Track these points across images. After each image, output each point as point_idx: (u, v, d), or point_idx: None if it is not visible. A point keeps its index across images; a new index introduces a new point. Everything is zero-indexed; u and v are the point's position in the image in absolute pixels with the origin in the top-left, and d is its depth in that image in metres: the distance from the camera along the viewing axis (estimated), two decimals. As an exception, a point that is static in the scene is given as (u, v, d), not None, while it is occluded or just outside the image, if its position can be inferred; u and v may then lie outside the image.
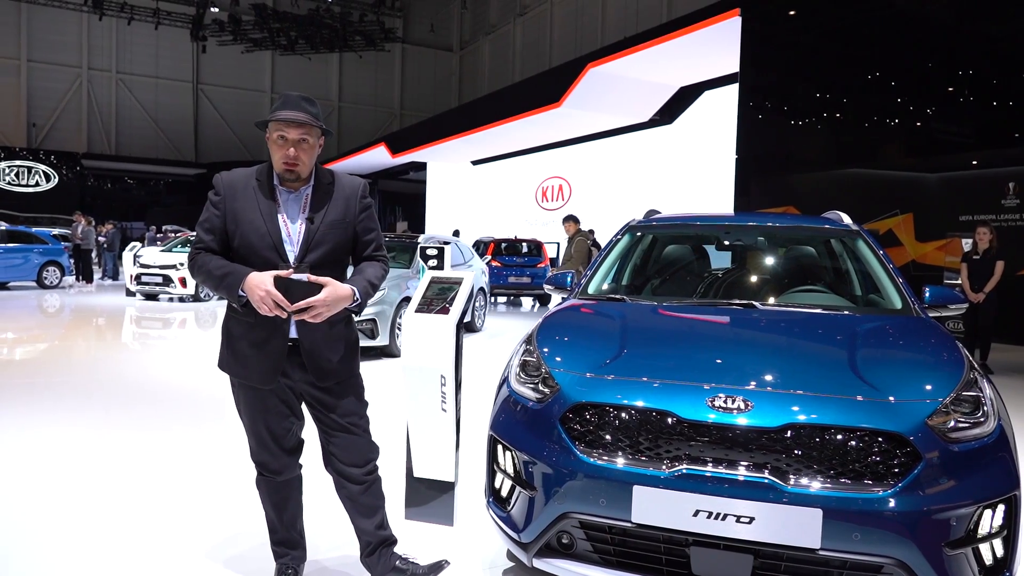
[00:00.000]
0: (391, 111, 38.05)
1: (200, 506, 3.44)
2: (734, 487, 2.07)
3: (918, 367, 2.44)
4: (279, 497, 2.53)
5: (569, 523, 2.26)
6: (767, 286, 3.58)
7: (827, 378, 2.29)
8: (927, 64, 10.40)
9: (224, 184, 2.37)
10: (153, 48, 33.01)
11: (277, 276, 2.22)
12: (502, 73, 32.75)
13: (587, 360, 2.52)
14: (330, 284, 2.28)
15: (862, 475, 2.06)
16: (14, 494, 3.54)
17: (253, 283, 2.20)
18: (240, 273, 2.24)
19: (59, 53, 31.19)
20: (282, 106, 2.33)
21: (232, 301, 2.29)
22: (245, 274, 2.23)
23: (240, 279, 2.22)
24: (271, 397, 2.40)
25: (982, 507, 2.07)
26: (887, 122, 10.86)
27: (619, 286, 3.72)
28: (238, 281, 2.22)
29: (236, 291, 2.23)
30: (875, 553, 1.99)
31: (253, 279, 2.21)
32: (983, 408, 2.24)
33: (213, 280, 2.28)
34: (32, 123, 30.91)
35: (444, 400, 3.15)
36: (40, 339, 9.11)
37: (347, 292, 2.31)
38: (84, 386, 6.12)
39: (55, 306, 12.99)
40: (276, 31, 31.87)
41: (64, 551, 2.90)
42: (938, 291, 3.19)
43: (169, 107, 33.69)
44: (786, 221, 3.92)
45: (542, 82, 18.30)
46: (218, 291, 2.31)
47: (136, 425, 4.87)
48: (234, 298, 2.26)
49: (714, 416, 2.16)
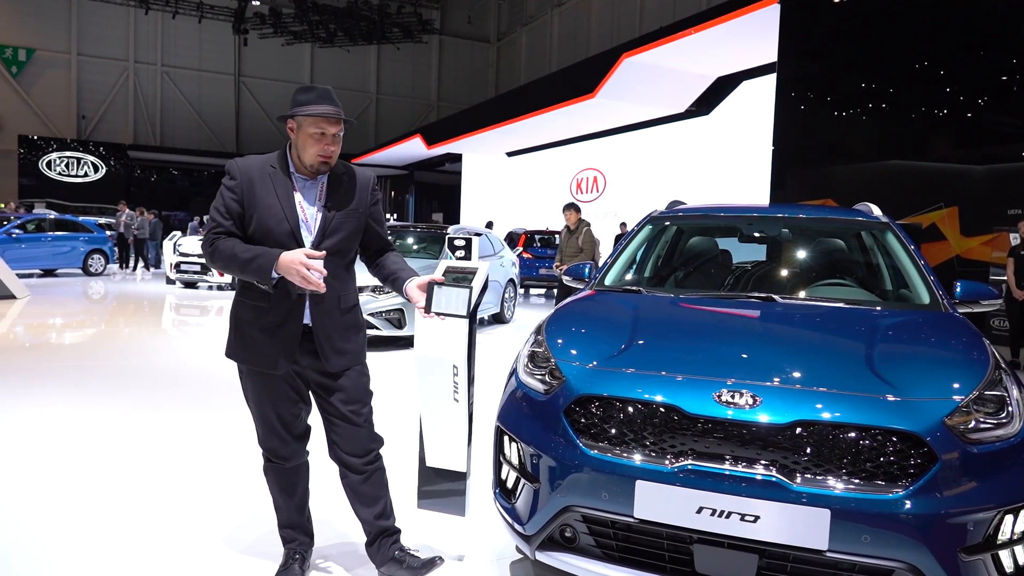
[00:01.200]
0: (428, 102, 38.16)
1: (216, 490, 3.50)
2: (739, 484, 2.01)
3: (939, 364, 2.34)
4: (287, 483, 2.55)
5: (572, 516, 2.23)
6: (791, 279, 3.48)
7: (841, 374, 2.21)
8: (979, 52, 9.99)
9: (239, 170, 2.39)
10: (196, 41, 33.65)
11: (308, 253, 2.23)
12: (539, 64, 32.55)
13: (595, 352, 2.48)
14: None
15: (874, 475, 1.98)
16: (44, 472, 3.65)
17: (287, 260, 2.19)
18: (271, 254, 2.23)
19: (107, 47, 32.00)
20: (317, 100, 2.32)
21: (261, 283, 2.28)
22: (276, 254, 2.22)
23: (272, 260, 2.22)
24: (280, 383, 2.42)
25: (1003, 512, 1.97)
26: (933, 112, 10.48)
27: (638, 278, 3.66)
28: (270, 262, 2.22)
29: (268, 272, 2.22)
30: (885, 556, 1.91)
31: (286, 256, 2.20)
32: (1008, 408, 2.13)
33: (238, 263, 2.27)
34: (81, 115, 31.79)
35: (456, 390, 3.13)
36: (85, 324, 9.39)
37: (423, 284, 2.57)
38: (121, 369, 6.29)
39: (99, 293, 13.37)
40: (315, 24, 32.22)
41: (80, 529, 2.98)
42: (970, 286, 3.06)
43: (211, 99, 34.33)
44: (813, 213, 3.81)
45: (576, 73, 18.11)
46: (243, 274, 2.29)
47: (164, 408, 4.99)
48: (265, 279, 2.25)
49: (720, 411, 2.10)
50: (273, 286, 2.27)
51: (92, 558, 2.73)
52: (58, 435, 4.32)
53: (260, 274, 2.24)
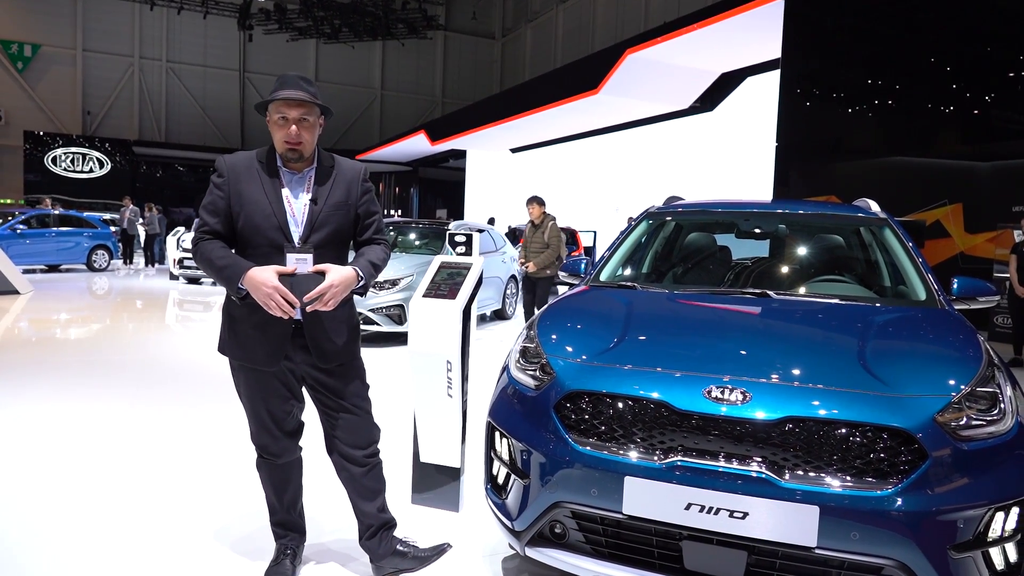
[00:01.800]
0: (433, 98, 38.13)
1: (209, 485, 3.51)
2: (728, 481, 2.00)
3: (931, 361, 2.32)
4: (279, 479, 2.55)
5: (561, 512, 2.23)
6: (787, 275, 3.46)
7: (832, 370, 2.20)
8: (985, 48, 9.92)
9: (227, 166, 2.39)
10: (201, 37, 33.70)
11: (280, 272, 2.22)
12: (544, 60, 32.48)
13: (586, 347, 2.47)
14: (331, 269, 2.29)
15: (864, 472, 1.97)
16: (42, 465, 3.67)
17: (256, 280, 2.19)
18: (241, 267, 2.23)
19: (113, 43, 32.06)
20: (280, 86, 2.34)
21: (231, 293, 2.30)
22: (246, 268, 2.22)
23: (240, 273, 2.22)
24: (272, 379, 2.42)
25: (993, 509, 1.96)
26: (938, 108, 10.41)
27: (634, 273, 3.65)
28: (238, 275, 2.22)
29: (235, 284, 2.23)
30: (875, 554, 1.90)
31: (255, 276, 2.19)
32: (1000, 405, 2.12)
33: (214, 270, 2.29)
34: (87, 111, 31.86)
35: (450, 386, 3.14)
36: (88, 320, 9.42)
37: (351, 274, 2.32)
38: (123, 364, 6.31)
39: (103, 288, 13.42)
40: (320, 20, 32.20)
41: (76, 522, 2.99)
42: (966, 282, 3.04)
43: (216, 95, 34.38)
44: (810, 209, 3.78)
45: (580, 69, 18.06)
46: (219, 281, 2.32)
47: (165, 402, 5.00)
48: (233, 291, 2.27)
49: (710, 407, 2.09)
50: (242, 298, 2.26)
51: (86, 551, 2.74)
52: (57, 430, 4.34)
53: (229, 285, 2.26)
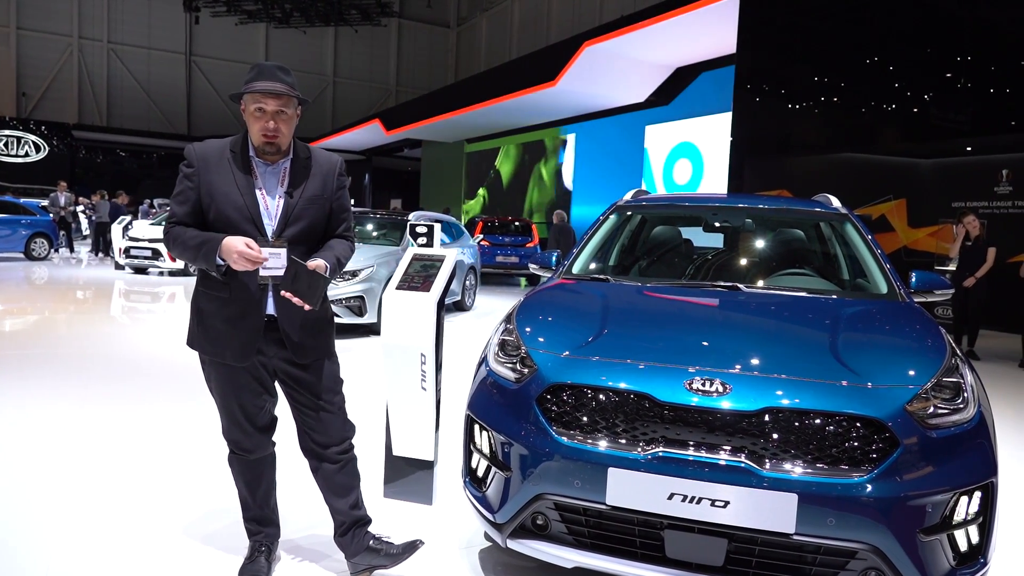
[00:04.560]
0: (386, 87, 37.67)
1: (177, 482, 3.41)
2: (710, 471, 2.04)
3: (899, 352, 2.41)
4: (252, 475, 2.50)
5: (544, 504, 2.24)
6: (754, 269, 3.54)
7: (807, 362, 2.26)
8: (925, 49, 10.31)
9: (197, 156, 2.32)
10: (146, 18, 32.51)
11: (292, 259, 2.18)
12: (499, 50, 32.40)
13: (566, 340, 2.48)
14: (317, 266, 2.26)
15: (839, 460, 2.04)
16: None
17: (229, 245, 2.16)
18: (216, 240, 2.20)
19: (50, 21, 30.68)
20: (257, 76, 2.27)
21: (211, 269, 2.24)
22: (220, 239, 2.19)
23: (216, 247, 2.19)
24: (244, 374, 2.36)
25: (958, 494, 2.05)
26: (882, 107, 10.79)
27: (605, 266, 3.68)
28: (214, 249, 2.19)
29: (214, 258, 2.19)
30: (849, 539, 1.97)
31: (229, 241, 2.17)
32: (963, 395, 2.21)
33: (190, 251, 2.24)
34: (22, 92, 30.47)
35: (424, 379, 3.12)
36: (27, 311, 9.03)
37: (321, 265, 2.27)
38: (70, 358, 6.07)
39: (43, 278, 12.88)
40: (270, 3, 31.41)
41: (38, 525, 2.87)
42: (924, 276, 3.16)
43: (162, 79, 33.26)
44: (775, 204, 3.88)
45: (538, 60, 18.08)
46: (196, 262, 2.27)
47: (119, 398, 4.83)
48: (212, 266, 2.21)
49: (691, 399, 2.13)
50: (223, 273, 2.22)
51: (53, 553, 2.64)
52: (5, 428, 4.15)
53: (207, 260, 2.21)
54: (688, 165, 16.72)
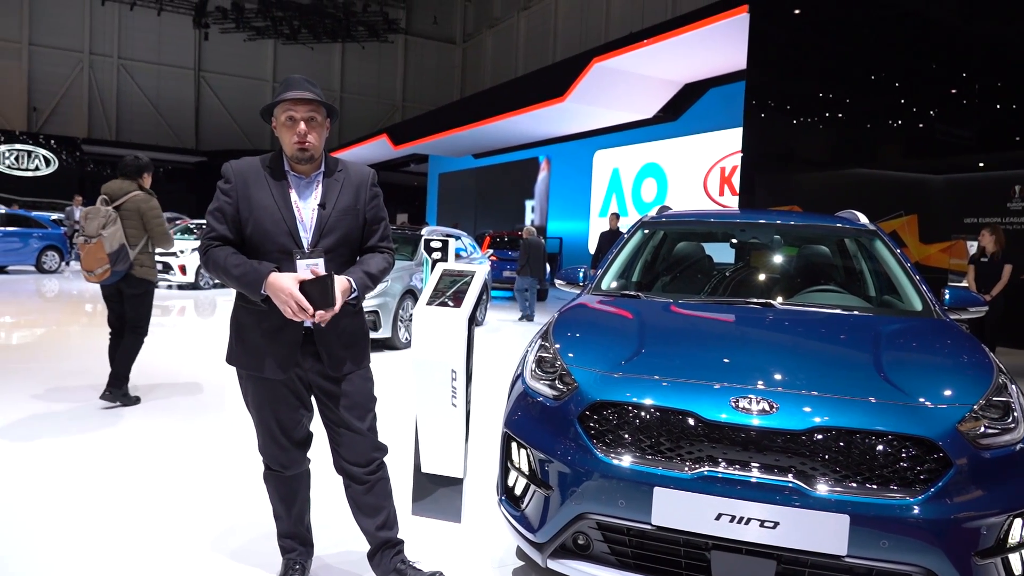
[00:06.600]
0: (393, 103, 37.88)
1: (204, 498, 3.38)
2: (758, 490, 2.01)
3: (946, 371, 2.39)
4: (287, 492, 2.48)
5: (586, 524, 2.21)
6: (782, 285, 3.52)
7: (853, 380, 2.24)
8: (932, 65, 10.33)
9: (235, 172, 2.34)
10: (155, 34, 32.81)
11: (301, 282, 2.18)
12: (505, 67, 32.60)
13: (605, 357, 2.46)
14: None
15: (889, 480, 2.00)
16: (11, 484, 3.48)
17: (277, 286, 2.17)
18: (260, 272, 2.20)
19: (61, 37, 30.98)
20: (286, 88, 2.32)
21: (252, 298, 2.25)
22: (266, 273, 2.19)
23: (260, 280, 2.19)
24: (281, 388, 2.36)
25: (1012, 516, 2.01)
26: (892, 123, 10.80)
27: (635, 283, 3.66)
28: (258, 281, 2.20)
29: (257, 291, 2.21)
30: (903, 561, 1.94)
31: (275, 282, 2.17)
32: (1013, 414, 2.18)
33: (231, 278, 2.25)
34: (33, 107, 30.71)
35: (455, 395, 3.09)
36: (38, 323, 9.03)
37: (345, 285, 2.27)
38: (83, 372, 6.05)
39: (53, 291, 12.90)
40: (279, 20, 31.72)
41: (66, 543, 2.84)
42: (958, 293, 3.14)
43: (170, 94, 33.51)
44: (801, 220, 3.86)
45: (547, 76, 18.18)
46: (237, 288, 2.28)
47: (137, 413, 4.81)
48: (256, 297, 2.23)
49: (737, 417, 2.10)
50: (263, 301, 2.23)
51: (86, 569, 2.60)
52: (25, 442, 4.13)
53: (250, 292, 2.23)
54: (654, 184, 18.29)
